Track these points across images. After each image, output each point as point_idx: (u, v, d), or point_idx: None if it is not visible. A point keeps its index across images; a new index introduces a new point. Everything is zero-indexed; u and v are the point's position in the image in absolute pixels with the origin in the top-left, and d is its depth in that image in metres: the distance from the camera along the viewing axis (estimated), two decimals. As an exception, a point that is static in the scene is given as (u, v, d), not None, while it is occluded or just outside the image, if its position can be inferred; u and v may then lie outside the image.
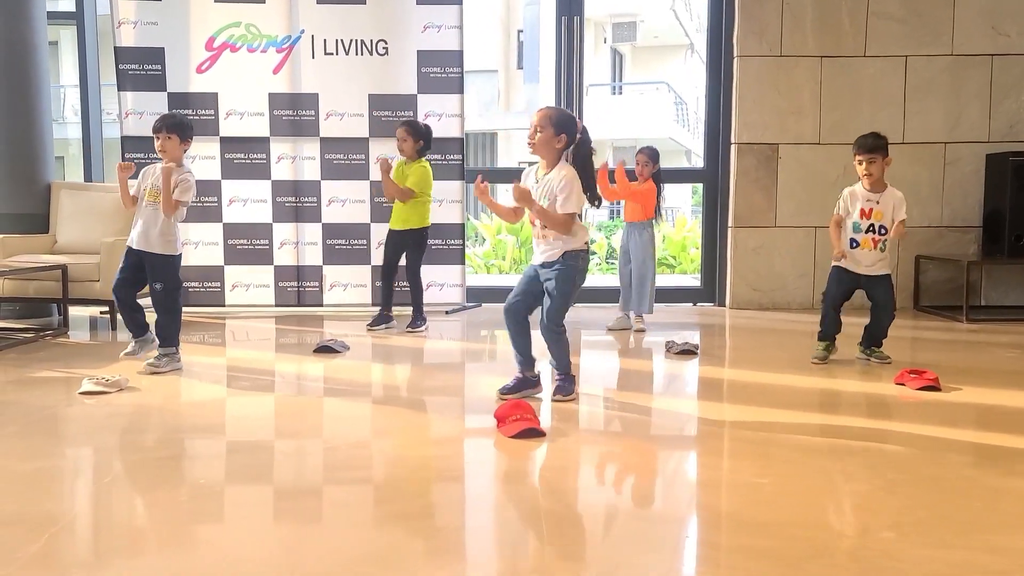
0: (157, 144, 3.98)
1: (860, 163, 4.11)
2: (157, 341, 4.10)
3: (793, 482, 2.51)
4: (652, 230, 5.33)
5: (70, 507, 2.33)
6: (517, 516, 2.29)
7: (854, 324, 4.35)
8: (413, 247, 5.36)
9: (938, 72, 6.31)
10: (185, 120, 4.15)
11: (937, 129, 6.34)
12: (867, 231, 4.13)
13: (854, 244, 4.16)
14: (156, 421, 3.25)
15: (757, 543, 2.04)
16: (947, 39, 6.29)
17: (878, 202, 4.12)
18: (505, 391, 3.48)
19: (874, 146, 4.08)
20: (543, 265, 3.44)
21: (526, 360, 3.54)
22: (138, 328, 4.14)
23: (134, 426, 3.17)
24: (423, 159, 5.34)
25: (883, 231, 4.12)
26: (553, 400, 3.46)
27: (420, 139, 5.31)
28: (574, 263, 3.41)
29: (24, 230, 5.76)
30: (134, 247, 4.03)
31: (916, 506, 2.32)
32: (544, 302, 3.47)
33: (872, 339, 4.29)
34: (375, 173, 5.93)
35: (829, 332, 4.30)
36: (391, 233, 5.41)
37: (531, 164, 3.62)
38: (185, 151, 4.08)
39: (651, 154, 5.28)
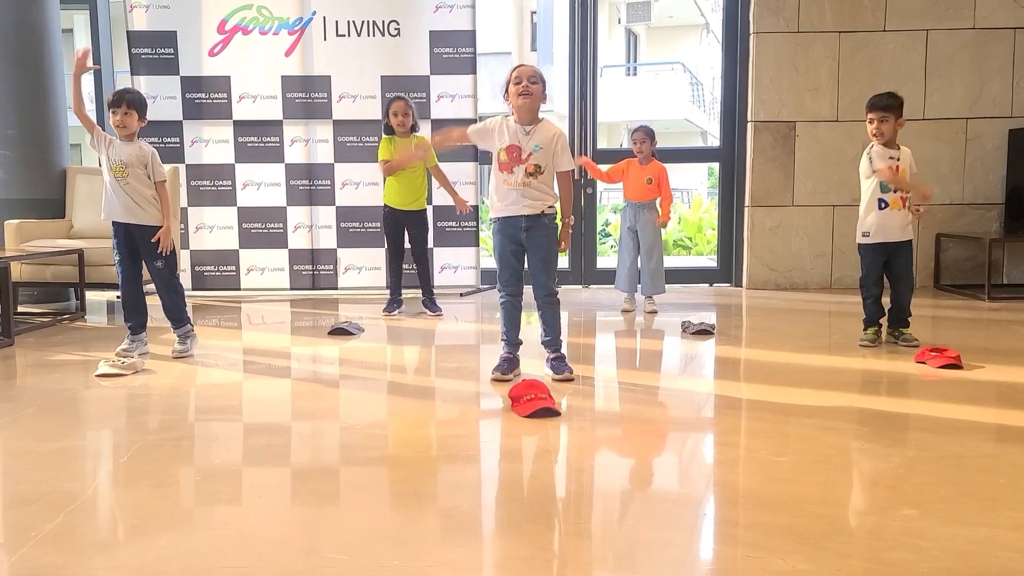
0: (115, 119, 3.92)
1: (871, 121, 4.05)
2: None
3: (812, 460, 2.48)
4: (657, 210, 5.27)
5: (86, 487, 2.33)
6: (533, 495, 2.28)
7: (885, 305, 4.28)
8: (420, 228, 5.30)
9: (959, 46, 6.20)
10: (144, 98, 4.08)
11: (958, 105, 6.24)
12: (895, 191, 4.06)
13: (883, 205, 4.08)
14: (173, 403, 3.26)
15: (776, 520, 2.02)
16: (968, 12, 6.17)
17: (899, 159, 4.06)
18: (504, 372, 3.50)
19: (885, 104, 4.03)
20: (527, 219, 3.40)
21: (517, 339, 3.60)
22: (139, 326, 4.09)
23: (151, 408, 3.18)
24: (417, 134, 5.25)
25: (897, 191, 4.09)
26: (557, 379, 3.45)
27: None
28: (553, 218, 3.47)
29: (40, 215, 5.79)
30: (111, 218, 3.96)
31: (938, 483, 2.28)
32: (535, 269, 3.47)
33: (897, 318, 4.19)
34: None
35: (874, 317, 4.21)
36: (394, 212, 5.21)
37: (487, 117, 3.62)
38: (141, 127, 4.02)
39: (648, 132, 5.23)
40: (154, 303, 4.18)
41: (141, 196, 3.95)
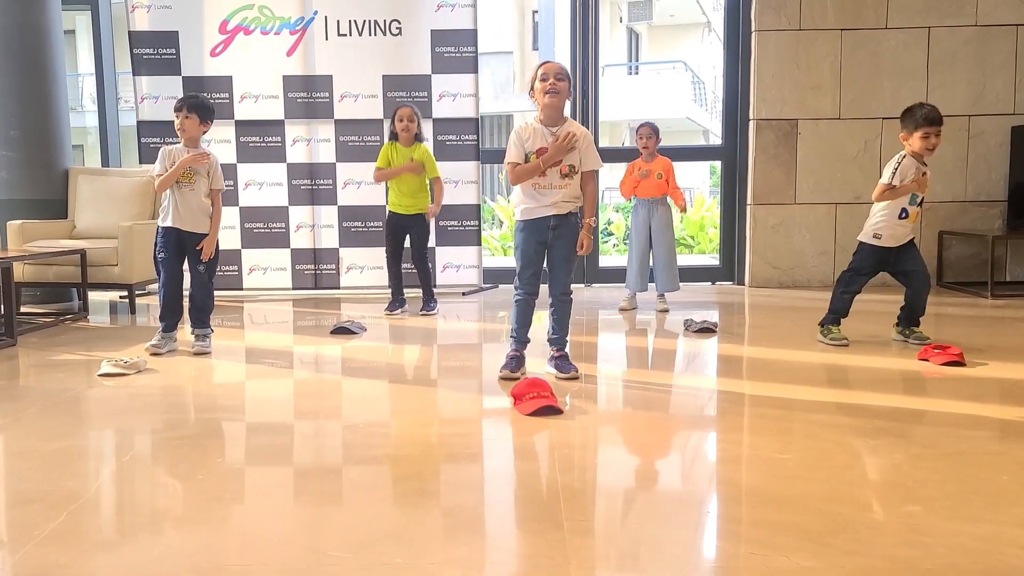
0: (177, 123, 4.01)
1: (927, 136, 3.92)
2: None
3: (816, 457, 2.48)
4: (669, 205, 5.27)
5: (89, 486, 2.33)
6: (535, 494, 2.28)
7: (888, 302, 4.27)
8: (420, 231, 5.30)
9: (962, 43, 6.18)
10: (207, 102, 4.16)
11: (961, 102, 6.22)
12: (920, 204, 4.03)
13: (903, 215, 4.01)
14: (175, 402, 3.26)
15: (780, 518, 2.01)
16: (971, 9, 6.16)
17: (924, 174, 3.99)
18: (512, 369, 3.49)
19: (941, 118, 3.93)
20: (556, 218, 3.39)
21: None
22: (173, 325, 4.13)
23: (153, 407, 3.18)
24: (420, 142, 5.26)
25: (922, 202, 4.08)
26: (562, 378, 3.45)
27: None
28: (579, 217, 3.45)
29: (43, 216, 5.80)
30: (174, 225, 4.02)
31: (942, 480, 2.28)
32: (555, 266, 3.46)
33: (911, 318, 4.14)
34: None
35: (844, 312, 4.18)
36: (396, 216, 5.24)
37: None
38: (203, 132, 4.09)
39: (654, 128, 5.25)
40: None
41: (198, 203, 4.04)
